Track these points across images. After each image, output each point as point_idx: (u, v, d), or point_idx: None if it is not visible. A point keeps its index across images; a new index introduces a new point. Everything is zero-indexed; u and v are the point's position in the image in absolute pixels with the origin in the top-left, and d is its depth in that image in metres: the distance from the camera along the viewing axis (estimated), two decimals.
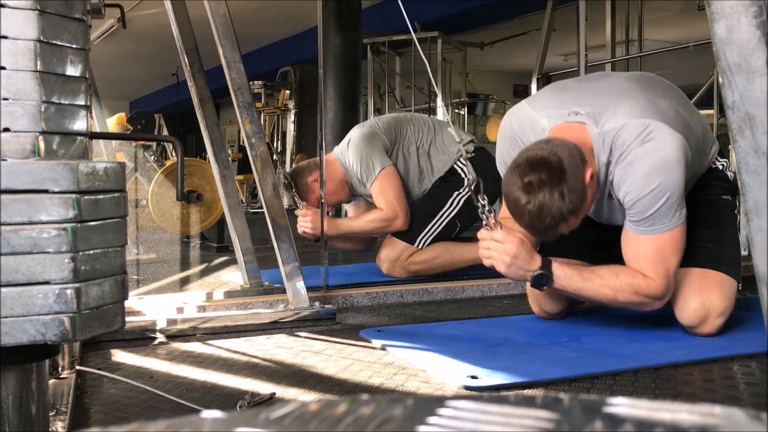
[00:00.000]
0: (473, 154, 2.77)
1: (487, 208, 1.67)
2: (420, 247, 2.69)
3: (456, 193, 2.73)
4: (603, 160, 1.68)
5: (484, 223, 1.70)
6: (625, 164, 1.64)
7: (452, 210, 2.72)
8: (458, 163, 2.76)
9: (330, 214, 3.23)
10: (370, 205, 2.90)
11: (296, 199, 2.76)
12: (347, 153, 2.74)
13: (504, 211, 1.79)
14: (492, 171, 2.74)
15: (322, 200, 2.49)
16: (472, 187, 1.68)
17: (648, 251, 1.67)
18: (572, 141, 1.63)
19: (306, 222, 2.69)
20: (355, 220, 2.77)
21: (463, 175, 2.72)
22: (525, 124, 1.83)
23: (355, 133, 2.78)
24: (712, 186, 1.94)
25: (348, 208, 3.13)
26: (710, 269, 1.78)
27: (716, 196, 1.94)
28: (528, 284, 2.03)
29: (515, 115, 1.89)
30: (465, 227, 2.77)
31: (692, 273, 1.78)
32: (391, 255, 2.69)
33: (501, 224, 1.70)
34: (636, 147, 1.63)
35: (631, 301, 1.69)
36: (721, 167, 1.98)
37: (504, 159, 1.89)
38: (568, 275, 1.69)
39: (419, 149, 2.80)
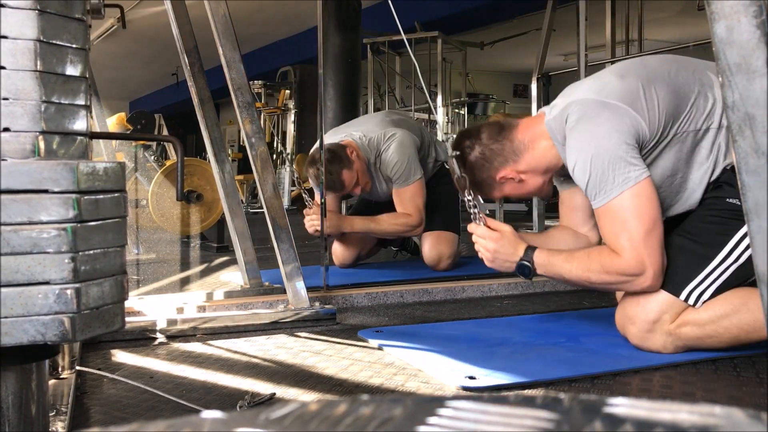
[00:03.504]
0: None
1: (472, 203, 1.72)
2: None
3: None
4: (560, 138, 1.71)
5: (473, 217, 1.78)
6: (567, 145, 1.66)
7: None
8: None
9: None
10: (340, 199, 3.11)
11: (306, 197, 2.81)
12: (388, 147, 2.83)
13: None
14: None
15: (323, 200, 2.49)
16: (459, 183, 1.76)
17: (605, 225, 1.59)
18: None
19: (316, 222, 2.73)
20: (377, 220, 2.82)
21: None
22: None
23: (402, 134, 2.86)
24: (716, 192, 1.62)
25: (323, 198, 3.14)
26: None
27: (720, 200, 1.59)
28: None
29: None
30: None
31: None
32: (449, 250, 2.93)
33: (485, 219, 1.77)
34: (569, 128, 1.64)
35: (607, 281, 1.58)
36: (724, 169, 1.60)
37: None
38: (548, 263, 1.67)
39: (427, 157, 3.05)
